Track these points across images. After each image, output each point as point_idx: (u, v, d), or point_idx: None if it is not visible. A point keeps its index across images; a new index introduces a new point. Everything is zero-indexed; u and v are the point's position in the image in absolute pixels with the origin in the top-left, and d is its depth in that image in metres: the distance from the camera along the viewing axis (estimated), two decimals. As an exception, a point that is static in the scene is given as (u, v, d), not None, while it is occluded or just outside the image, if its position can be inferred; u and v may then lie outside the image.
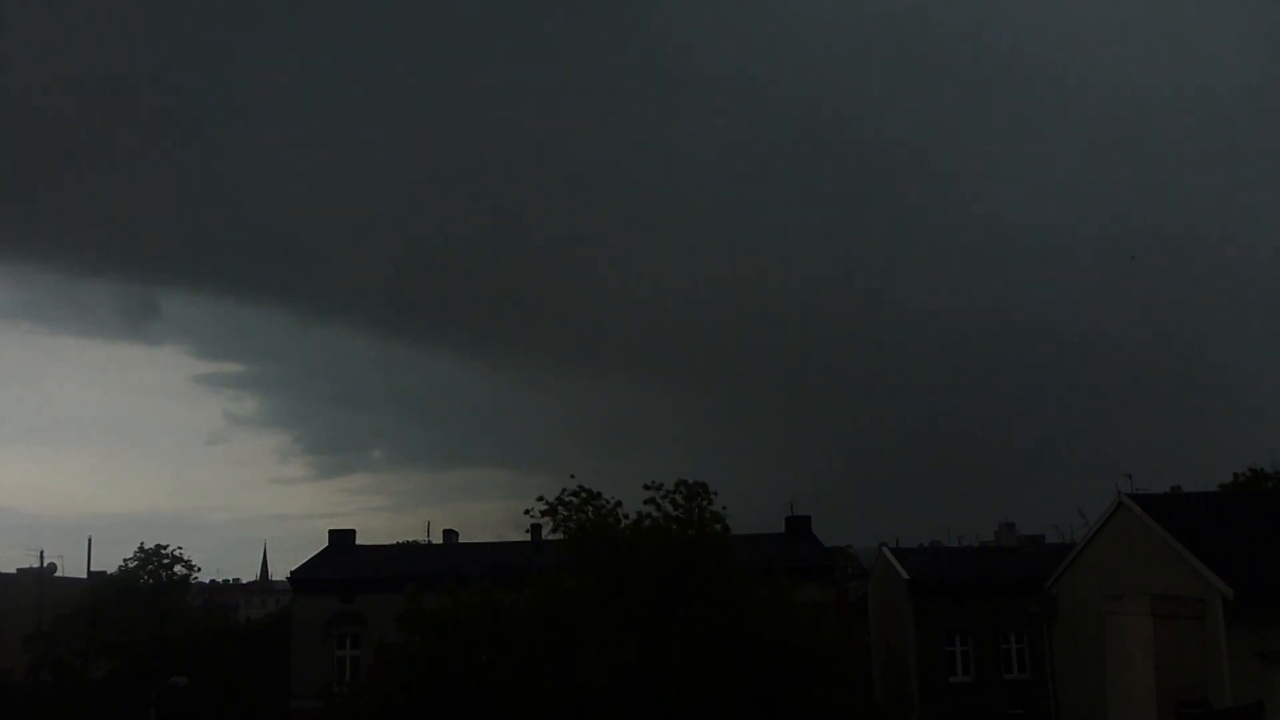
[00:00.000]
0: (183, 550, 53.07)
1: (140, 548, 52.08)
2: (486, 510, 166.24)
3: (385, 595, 37.70)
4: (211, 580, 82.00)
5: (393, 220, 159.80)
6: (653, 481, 30.25)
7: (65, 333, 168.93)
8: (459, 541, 48.57)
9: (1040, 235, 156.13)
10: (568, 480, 30.52)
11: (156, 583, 51.60)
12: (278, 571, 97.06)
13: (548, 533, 32.09)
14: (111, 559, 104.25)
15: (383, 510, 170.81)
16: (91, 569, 61.21)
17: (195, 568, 54.60)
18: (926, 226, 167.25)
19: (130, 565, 52.02)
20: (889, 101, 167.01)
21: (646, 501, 30.07)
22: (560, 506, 30.11)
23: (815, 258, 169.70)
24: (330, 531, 47.11)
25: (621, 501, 30.49)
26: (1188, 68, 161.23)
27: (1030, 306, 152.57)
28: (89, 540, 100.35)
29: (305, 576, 43.00)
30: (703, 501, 29.96)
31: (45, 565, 58.50)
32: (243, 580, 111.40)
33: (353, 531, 47.56)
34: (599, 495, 30.47)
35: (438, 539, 49.33)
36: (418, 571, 38.57)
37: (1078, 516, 41.18)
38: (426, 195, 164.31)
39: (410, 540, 52.40)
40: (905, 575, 41.20)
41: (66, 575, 60.68)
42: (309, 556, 44.91)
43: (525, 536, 42.71)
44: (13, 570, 61.54)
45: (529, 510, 30.78)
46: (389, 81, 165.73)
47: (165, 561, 52.28)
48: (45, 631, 49.03)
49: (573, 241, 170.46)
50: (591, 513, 29.96)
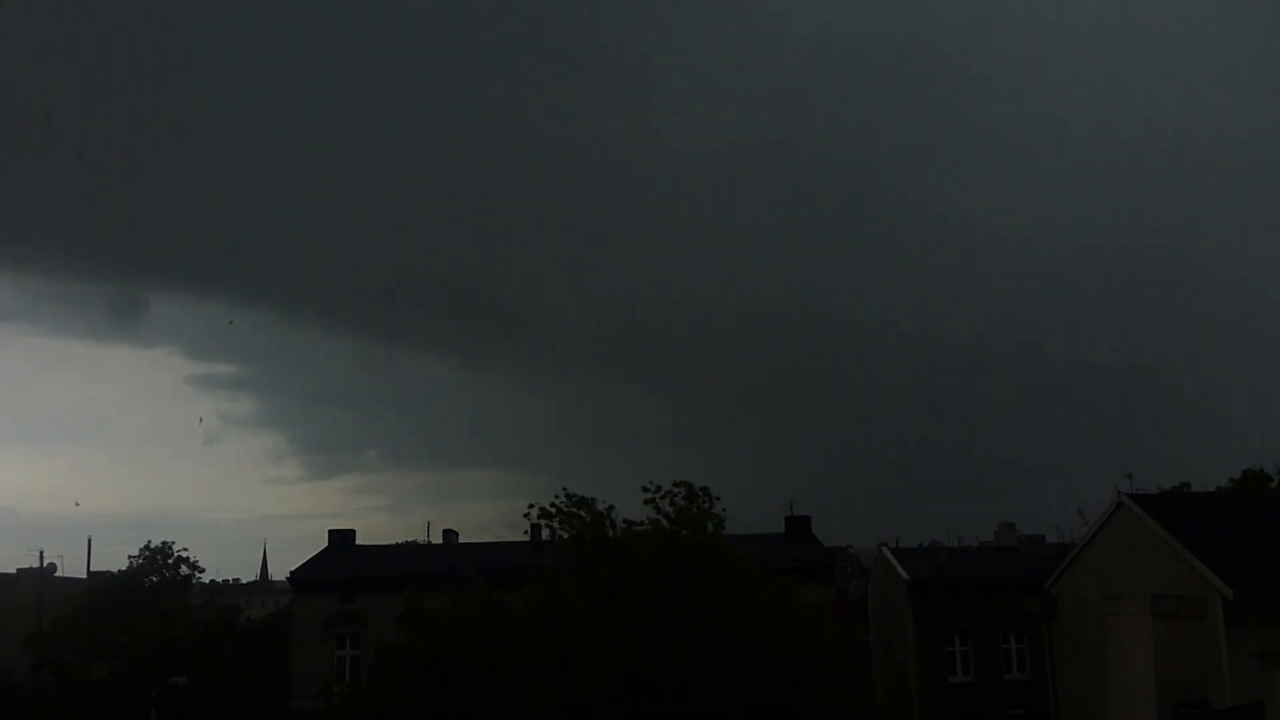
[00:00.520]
0: (188, 550, 53.14)
1: (146, 546, 52.12)
2: (483, 510, 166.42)
3: (385, 595, 37.66)
4: (211, 580, 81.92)
5: (386, 222, 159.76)
6: (650, 483, 30.34)
7: (57, 334, 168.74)
8: (459, 542, 48.55)
9: (1037, 239, 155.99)
10: (566, 481, 30.73)
11: (160, 582, 51.59)
12: (277, 571, 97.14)
13: (546, 536, 32.17)
14: (112, 559, 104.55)
15: (379, 510, 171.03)
16: (91, 569, 61.34)
17: (200, 568, 54.65)
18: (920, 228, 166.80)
19: (136, 564, 52.00)
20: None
21: (645, 502, 30.12)
22: (556, 512, 30.22)
23: (816, 252, 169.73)
24: (330, 531, 47.12)
25: (614, 506, 30.67)
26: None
27: (1029, 305, 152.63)
28: (89, 540, 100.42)
29: (305, 576, 42.99)
30: (702, 502, 29.99)
31: (45, 565, 58.56)
32: (243, 580, 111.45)
33: (353, 531, 47.57)
34: (592, 501, 30.58)
35: (438, 539, 49.31)
36: (417, 571, 38.65)
37: (1078, 516, 41.14)
38: (422, 198, 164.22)
39: (410, 540, 52.36)
40: (905, 575, 41.18)
41: (66, 575, 60.75)
42: (308, 556, 44.95)
43: (524, 537, 42.76)
44: (13, 570, 61.55)
45: (526, 514, 30.96)
46: (385, 83, 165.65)
47: (170, 561, 52.27)
48: (45, 631, 48.99)
49: (572, 242, 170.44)
50: (587, 516, 30.05)
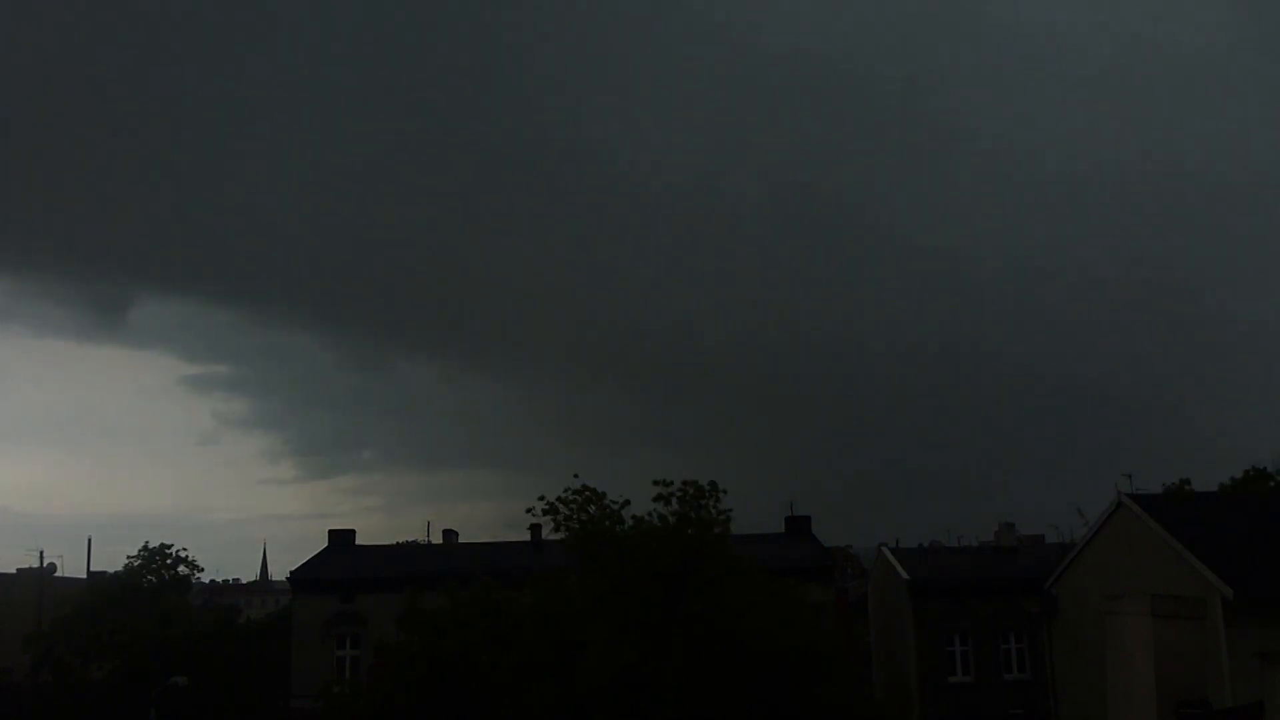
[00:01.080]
0: (187, 550, 53.07)
1: (145, 546, 52.06)
2: (480, 511, 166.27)
3: (385, 595, 37.69)
4: (211, 580, 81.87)
5: (380, 222, 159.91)
6: (662, 479, 30.30)
7: (48, 334, 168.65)
8: (459, 541, 48.54)
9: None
10: (567, 481, 30.57)
11: (160, 582, 51.52)
12: (277, 572, 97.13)
13: (548, 532, 32.09)
14: (111, 559, 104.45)
15: (375, 510, 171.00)
16: (91, 569, 61.26)
17: (199, 568, 54.57)
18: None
19: (134, 564, 51.94)
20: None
21: (655, 499, 30.08)
22: (562, 505, 30.10)
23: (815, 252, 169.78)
24: (330, 531, 47.15)
25: (630, 500, 30.55)
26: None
27: (1029, 305, 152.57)
28: (89, 540, 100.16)
29: (305, 576, 43.00)
30: (710, 500, 29.95)
31: (45, 565, 58.50)
32: (242, 580, 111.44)
33: (352, 531, 47.59)
34: (603, 495, 30.46)
35: (438, 539, 49.31)
36: (418, 571, 38.67)
37: (1078, 516, 41.16)
38: (419, 200, 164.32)
39: (410, 540, 52.32)
40: (905, 575, 41.19)
41: (66, 575, 60.70)
42: (308, 557, 44.96)
43: (524, 537, 42.79)
44: (13, 570, 61.50)
45: (530, 509, 30.80)
46: (381, 83, 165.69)
47: (169, 561, 52.20)
48: (45, 631, 48.89)
49: (570, 244, 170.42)
50: (594, 510, 29.93)
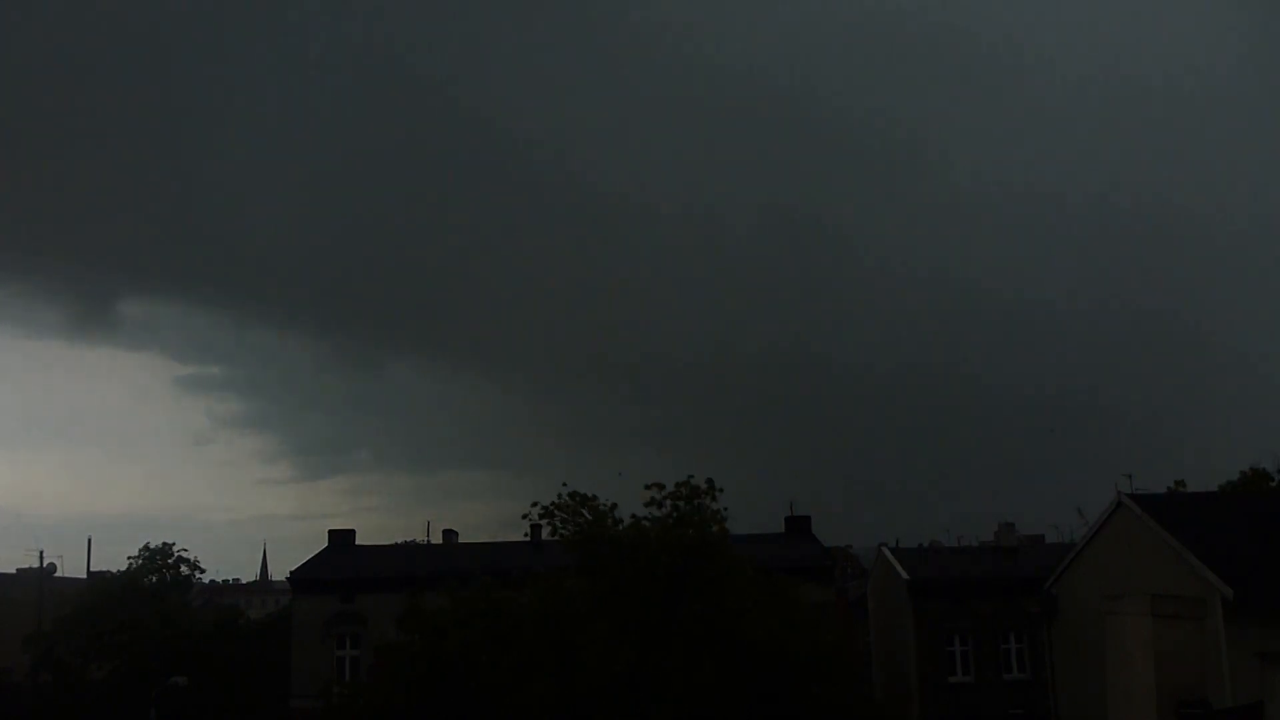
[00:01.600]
0: (188, 550, 53.07)
1: (145, 546, 52.06)
2: (477, 511, 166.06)
3: (385, 595, 37.70)
4: (211, 580, 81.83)
5: (374, 223, 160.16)
6: (653, 482, 30.32)
7: (39, 335, 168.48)
8: (459, 541, 48.54)
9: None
10: (564, 481, 30.61)
11: (160, 582, 51.52)
12: (277, 572, 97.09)
13: (547, 534, 32.14)
14: (111, 559, 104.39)
15: (372, 510, 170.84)
16: (91, 569, 61.22)
17: (200, 568, 54.57)
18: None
19: (135, 564, 51.94)
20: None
21: (648, 503, 30.10)
22: (556, 510, 30.18)
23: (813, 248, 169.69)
24: (330, 531, 47.13)
25: (617, 504, 30.61)
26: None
27: (1029, 306, 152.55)
28: (89, 540, 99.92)
29: (305, 576, 42.99)
30: (707, 499, 29.95)
31: (45, 565, 58.50)
32: (242, 580, 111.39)
33: (353, 531, 47.57)
34: (594, 498, 30.54)
35: (438, 539, 49.31)
36: (418, 571, 38.69)
37: (1078, 516, 41.22)
38: (416, 203, 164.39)
39: (410, 540, 52.31)
40: (905, 575, 41.19)
41: (66, 575, 60.69)
42: (307, 557, 44.95)
43: (524, 537, 42.78)
44: (13, 570, 61.52)
45: (526, 515, 30.92)
46: (377, 83, 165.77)
47: (170, 561, 52.20)
48: (45, 631, 48.90)
49: (569, 246, 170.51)
50: (588, 513, 30.00)
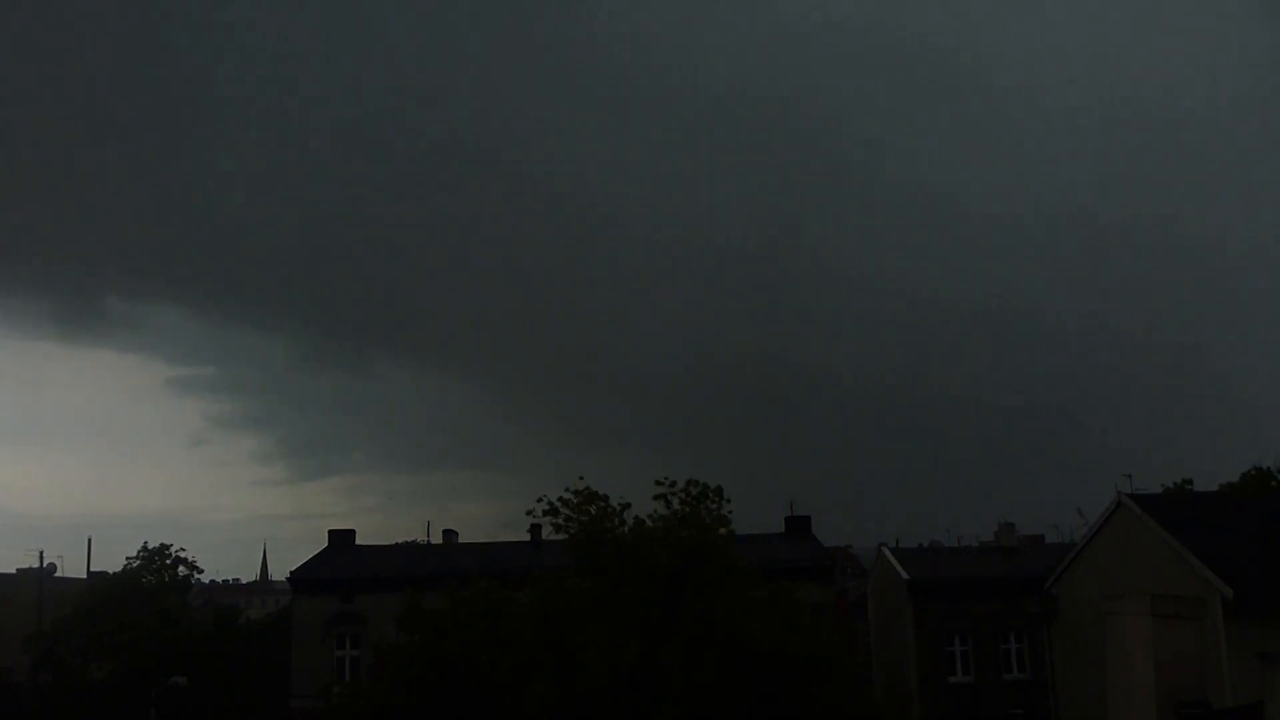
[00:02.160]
0: (186, 551, 53.05)
1: (144, 547, 52.03)
2: (475, 511, 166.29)
3: (385, 595, 37.68)
4: (211, 580, 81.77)
5: (365, 224, 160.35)
6: (664, 478, 30.32)
7: (32, 337, 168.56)
8: (458, 541, 48.54)
9: (1038, 226, 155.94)
10: (562, 483, 30.59)
11: (160, 582, 51.50)
12: (277, 572, 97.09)
13: (549, 533, 32.12)
14: (111, 559, 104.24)
15: (370, 511, 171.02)
16: (91, 569, 61.17)
17: (199, 568, 54.54)
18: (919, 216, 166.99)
19: (134, 564, 51.95)
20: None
21: (656, 498, 30.11)
22: (563, 506, 30.11)
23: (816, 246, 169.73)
24: (330, 531, 47.07)
25: (630, 503, 30.56)
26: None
27: (1028, 305, 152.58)
28: (89, 540, 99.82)
29: (305, 576, 42.97)
30: (710, 504, 29.96)
31: (45, 565, 58.45)
32: (242, 580, 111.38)
33: (352, 531, 47.51)
34: (605, 497, 30.48)
35: (438, 539, 49.30)
36: (417, 571, 38.64)
37: (1078, 516, 41.14)
38: (412, 208, 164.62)
39: (410, 540, 52.27)
40: (905, 575, 41.20)
41: (66, 575, 60.64)
42: (306, 557, 44.95)
43: (524, 537, 42.77)
44: (13, 570, 61.45)
45: (530, 510, 30.84)
46: (375, 84, 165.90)
47: (168, 561, 52.19)
48: (45, 631, 48.87)
49: (567, 247, 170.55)
50: (594, 511, 29.94)
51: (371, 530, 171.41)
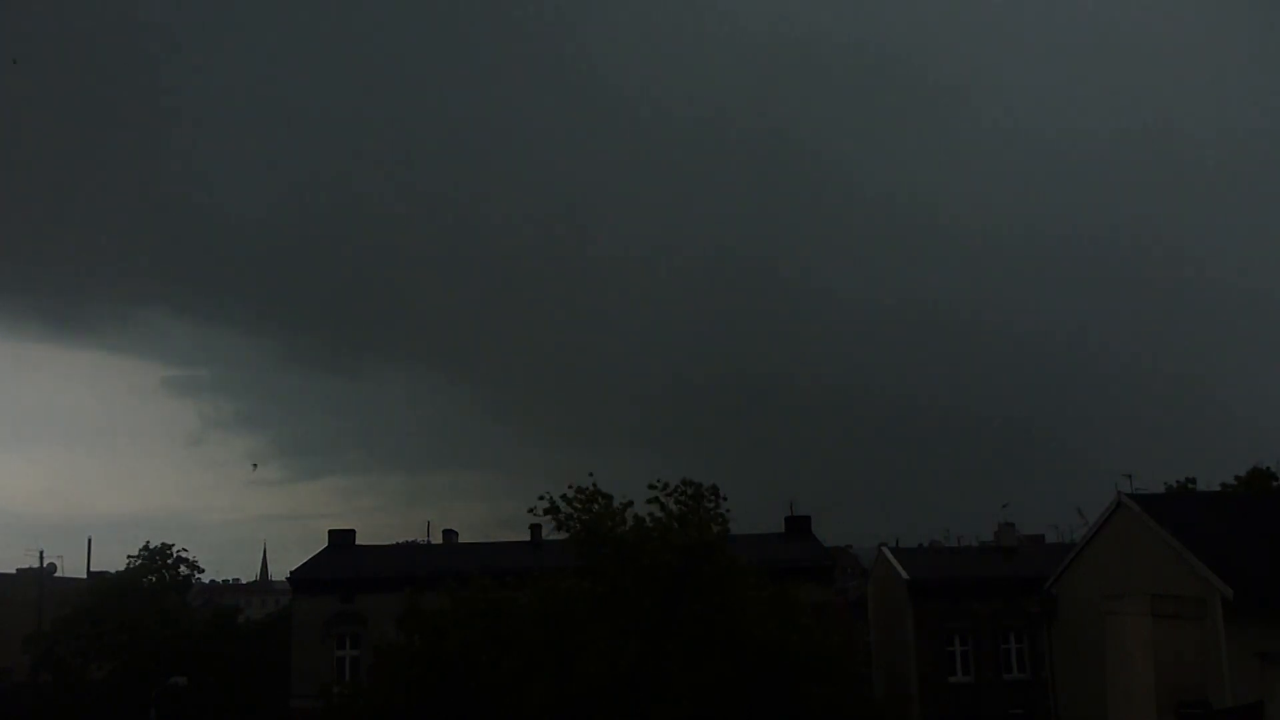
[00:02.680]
0: (187, 551, 53.01)
1: (145, 546, 51.99)
2: (474, 512, 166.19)
3: (385, 595, 37.67)
4: (211, 580, 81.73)
5: (360, 224, 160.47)
6: (657, 481, 30.29)
7: (27, 338, 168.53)
8: (458, 541, 48.54)
9: (1034, 235, 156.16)
10: (563, 482, 30.52)
11: (160, 582, 51.47)
12: (277, 572, 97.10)
13: (549, 532, 32.08)
14: (111, 559, 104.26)
15: (368, 511, 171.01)
16: (91, 569, 61.14)
17: (199, 568, 54.51)
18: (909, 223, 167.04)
19: (135, 564, 51.91)
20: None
21: (650, 501, 30.07)
22: (564, 504, 30.06)
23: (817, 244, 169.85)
24: (330, 531, 47.07)
25: (632, 502, 30.51)
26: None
27: (1027, 305, 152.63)
28: (89, 540, 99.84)
29: (305, 576, 42.98)
30: (707, 503, 29.93)
31: (45, 565, 58.44)
32: (242, 580, 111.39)
33: (352, 531, 47.51)
34: (608, 496, 30.43)
35: (438, 539, 49.29)
36: (417, 571, 38.65)
37: (1078, 516, 41.12)
38: (410, 210, 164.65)
39: (410, 540, 52.28)
40: (905, 575, 41.19)
41: (66, 575, 60.60)
42: (305, 557, 44.95)
43: (524, 536, 42.79)
44: (13, 570, 61.42)
45: (532, 509, 30.79)
46: (372, 84, 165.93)
47: (169, 561, 52.16)
48: (45, 631, 48.83)
49: (566, 248, 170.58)
50: (596, 509, 29.90)
51: (371, 530, 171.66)
